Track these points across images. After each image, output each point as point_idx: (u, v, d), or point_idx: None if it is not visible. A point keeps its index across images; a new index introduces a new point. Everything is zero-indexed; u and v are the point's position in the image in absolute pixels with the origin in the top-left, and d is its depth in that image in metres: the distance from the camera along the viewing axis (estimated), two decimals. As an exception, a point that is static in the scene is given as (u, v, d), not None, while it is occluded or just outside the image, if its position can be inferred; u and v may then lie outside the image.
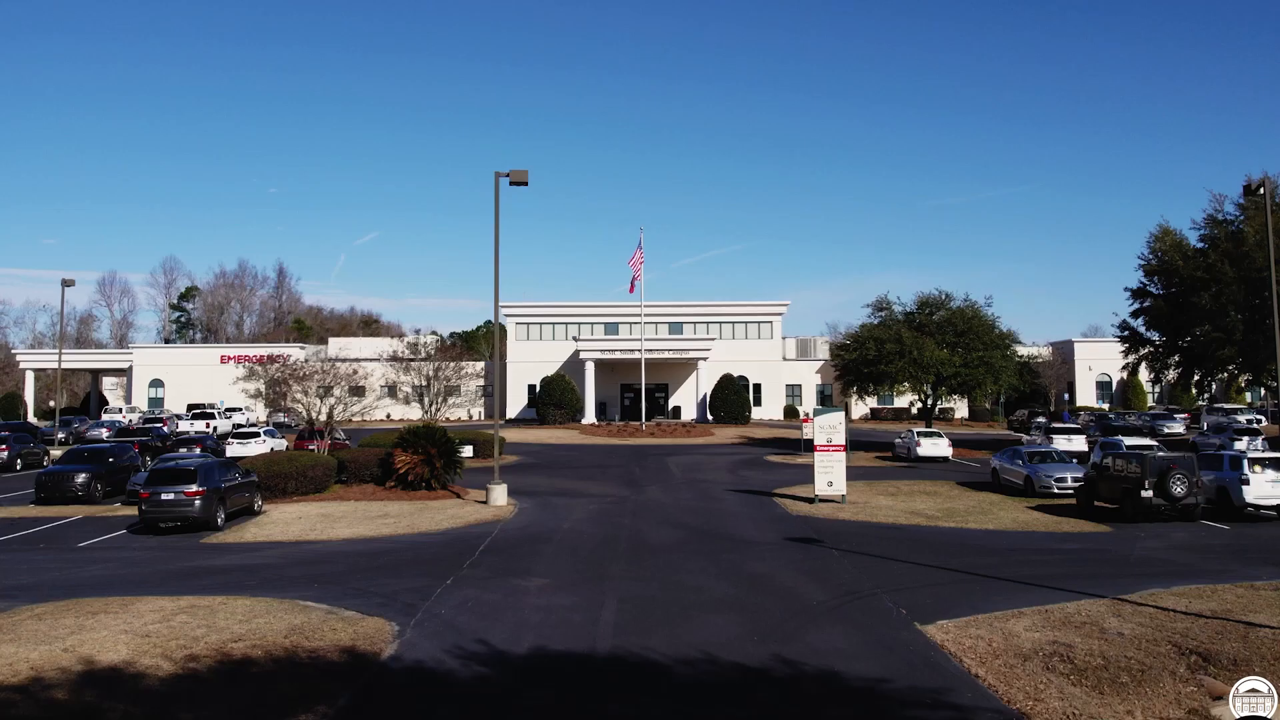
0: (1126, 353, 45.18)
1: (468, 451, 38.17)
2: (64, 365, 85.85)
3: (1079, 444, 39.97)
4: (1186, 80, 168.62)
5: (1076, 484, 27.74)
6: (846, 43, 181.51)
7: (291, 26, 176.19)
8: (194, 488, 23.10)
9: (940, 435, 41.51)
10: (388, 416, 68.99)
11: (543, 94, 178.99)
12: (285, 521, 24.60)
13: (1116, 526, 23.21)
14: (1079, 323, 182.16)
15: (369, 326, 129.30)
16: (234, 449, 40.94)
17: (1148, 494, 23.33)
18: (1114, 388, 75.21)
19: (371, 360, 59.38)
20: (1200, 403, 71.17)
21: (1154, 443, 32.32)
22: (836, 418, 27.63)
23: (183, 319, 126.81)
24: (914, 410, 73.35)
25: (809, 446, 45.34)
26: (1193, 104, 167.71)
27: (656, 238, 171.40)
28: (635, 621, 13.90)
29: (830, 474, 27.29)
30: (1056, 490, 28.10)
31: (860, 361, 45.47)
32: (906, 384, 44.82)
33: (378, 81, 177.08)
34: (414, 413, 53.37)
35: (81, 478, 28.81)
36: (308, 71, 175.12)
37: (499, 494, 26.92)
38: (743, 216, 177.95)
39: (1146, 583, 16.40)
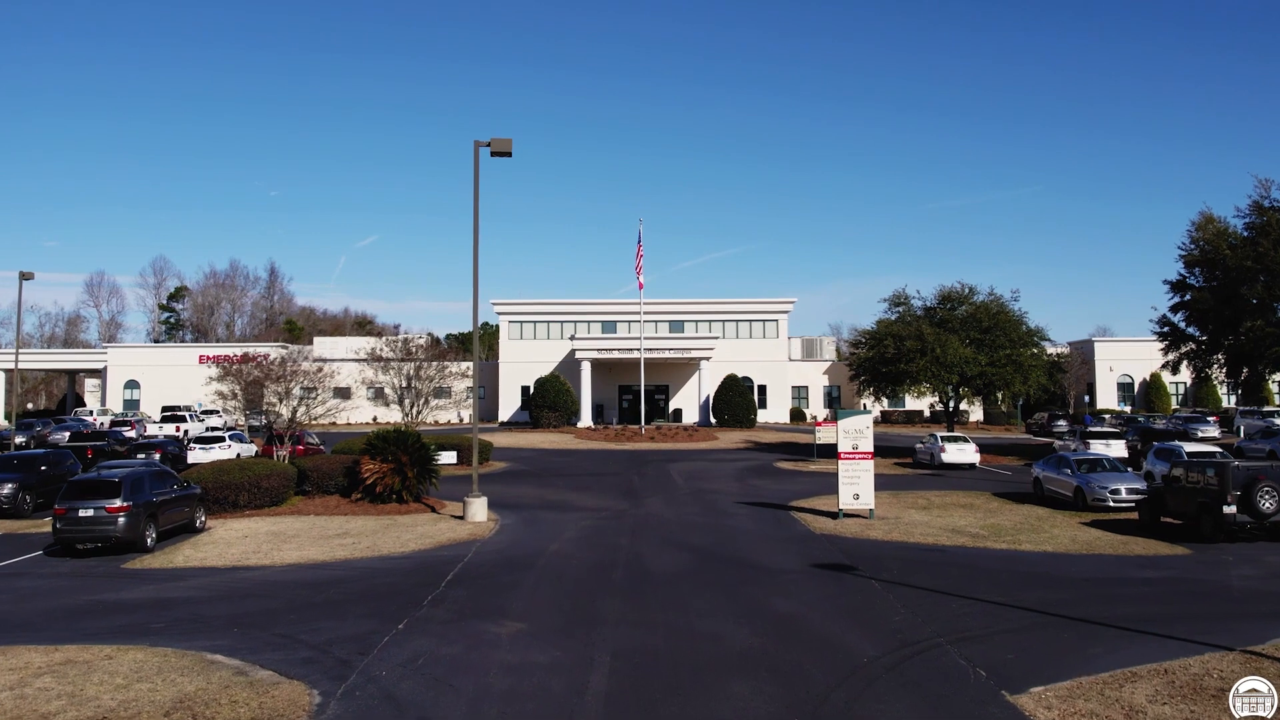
0: (1166, 350, 41.77)
1: (449, 458, 34.95)
2: (38, 366, 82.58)
3: (1118, 449, 36.60)
4: (1186, 82, 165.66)
5: (1135, 496, 24.46)
6: (845, 44, 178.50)
7: (294, 30, 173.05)
8: (117, 503, 19.74)
9: (967, 440, 38.15)
10: (374, 420, 65.65)
11: (545, 96, 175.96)
12: (228, 541, 21.22)
13: (1195, 548, 19.87)
14: (1087, 324, 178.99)
15: (363, 328, 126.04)
16: (196, 454, 37.71)
17: (1231, 509, 19.98)
18: (1136, 389, 71.87)
19: (348, 360, 56.03)
20: (1228, 405, 67.94)
21: (1218, 449, 28.94)
22: (863, 421, 24.28)
23: (172, 320, 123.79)
24: (926, 413, 70.10)
25: (822, 452, 42.16)
26: (1194, 106, 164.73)
27: (655, 240, 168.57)
28: (633, 689, 10.55)
29: (856, 485, 23.94)
30: (1112, 503, 24.77)
31: (878, 360, 42.02)
32: (927, 385, 41.35)
33: (379, 84, 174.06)
34: (398, 415, 50.07)
35: (6, 489, 25.48)
36: (309, 75, 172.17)
37: (478, 508, 23.55)
38: (742, 219, 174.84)
39: (1273, 627, 13.07)
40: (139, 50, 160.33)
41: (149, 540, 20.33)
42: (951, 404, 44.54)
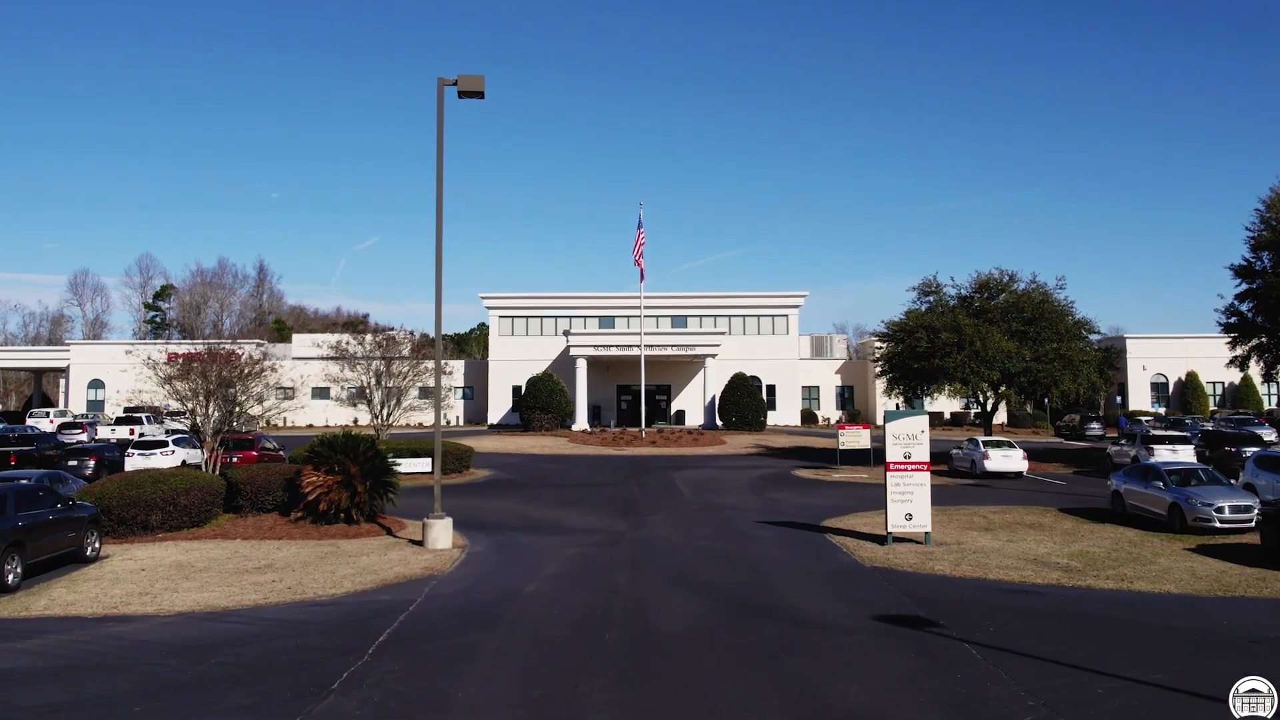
0: (1234, 343, 37.23)
1: (421, 466, 30.49)
2: None
3: (1186, 455, 32.11)
4: (1189, 82, 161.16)
5: (1243, 515, 20.06)
6: (842, 45, 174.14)
7: (298, 31, 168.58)
8: (-36, 529, 15.20)
9: (1013, 446, 33.62)
10: (354, 422, 61.09)
11: (547, 96, 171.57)
12: (116, 577, 16.65)
13: (1356, 586, 15.37)
14: (1100, 324, 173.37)
15: (354, 328, 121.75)
16: (135, 461, 33.41)
17: (1403, 538, 15.51)
18: (1171, 389, 67.31)
19: (311, 359, 51.49)
20: (1270, 405, 63.45)
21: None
22: (916, 424, 19.73)
23: (158, 319, 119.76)
24: (947, 415, 65.57)
25: (845, 459, 37.59)
26: (1198, 107, 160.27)
27: (654, 242, 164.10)
28: None
29: (909, 503, 19.40)
30: (1218, 524, 20.24)
31: (908, 355, 37.38)
32: (962, 383, 36.63)
33: (381, 85, 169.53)
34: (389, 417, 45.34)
35: None
36: (313, 77, 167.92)
37: (440, 532, 18.99)
38: (742, 221, 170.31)
39: None
40: (139, 52, 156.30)
41: (10, 577, 15.76)
42: (990, 404, 39.97)
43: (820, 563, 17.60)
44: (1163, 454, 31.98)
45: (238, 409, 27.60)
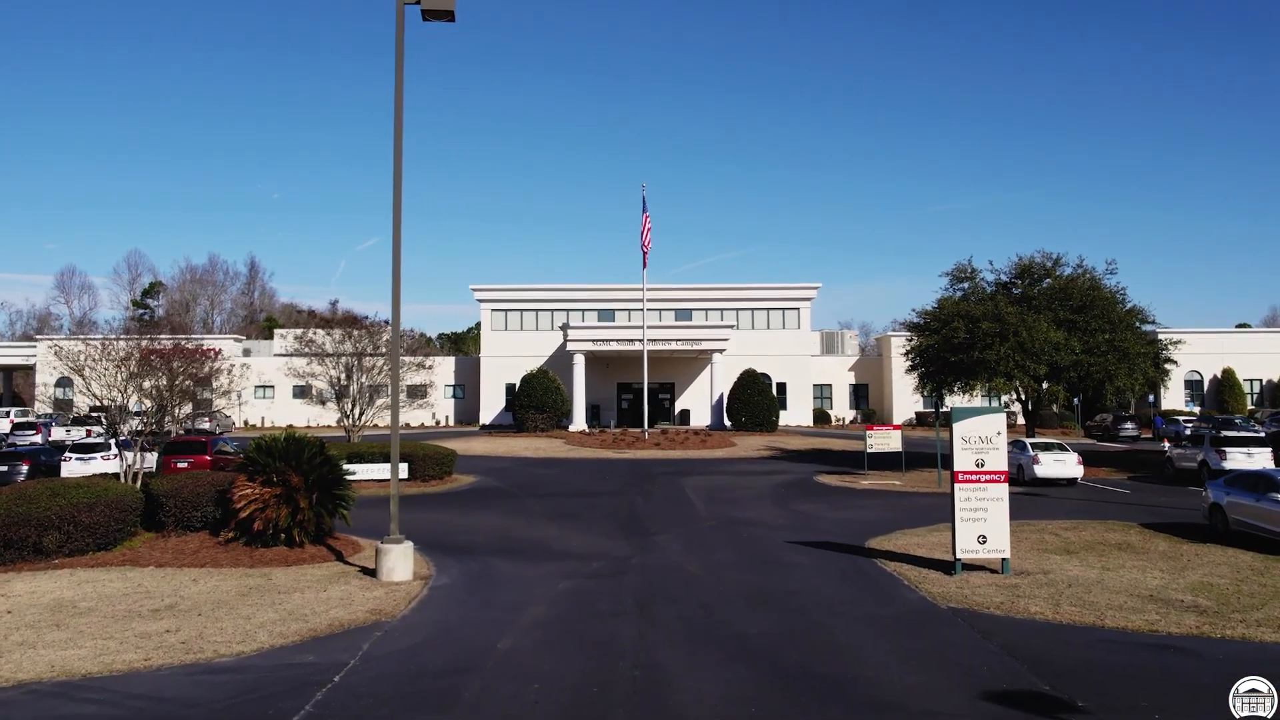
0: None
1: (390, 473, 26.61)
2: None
3: (1263, 460, 28.35)
4: (1188, 84, 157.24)
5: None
6: (843, 46, 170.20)
7: (298, 31, 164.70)
8: None
9: (1064, 449, 29.73)
10: (338, 422, 57.35)
11: (546, 96, 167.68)
12: (-31, 623, 12.81)
13: None
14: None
15: (350, 324, 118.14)
16: (71, 466, 29.97)
17: None
18: (1206, 387, 63.51)
19: (280, 355, 47.73)
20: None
21: None
22: (992, 424, 15.90)
23: (146, 316, 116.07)
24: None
25: (873, 463, 33.84)
26: (1198, 108, 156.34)
27: (653, 241, 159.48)
28: None
29: (983, 522, 15.61)
30: (1360, 547, 16.49)
31: (943, 347, 33.48)
32: (1004, 379, 32.68)
33: (381, 85, 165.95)
34: (361, 417, 41.51)
35: None
36: (311, 76, 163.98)
37: (396, 560, 15.15)
38: (741, 222, 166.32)
39: None
40: (139, 52, 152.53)
41: None
42: (1031, 403, 36.11)
43: (881, 602, 13.76)
44: (1236, 458, 28.26)
45: (166, 406, 23.86)
